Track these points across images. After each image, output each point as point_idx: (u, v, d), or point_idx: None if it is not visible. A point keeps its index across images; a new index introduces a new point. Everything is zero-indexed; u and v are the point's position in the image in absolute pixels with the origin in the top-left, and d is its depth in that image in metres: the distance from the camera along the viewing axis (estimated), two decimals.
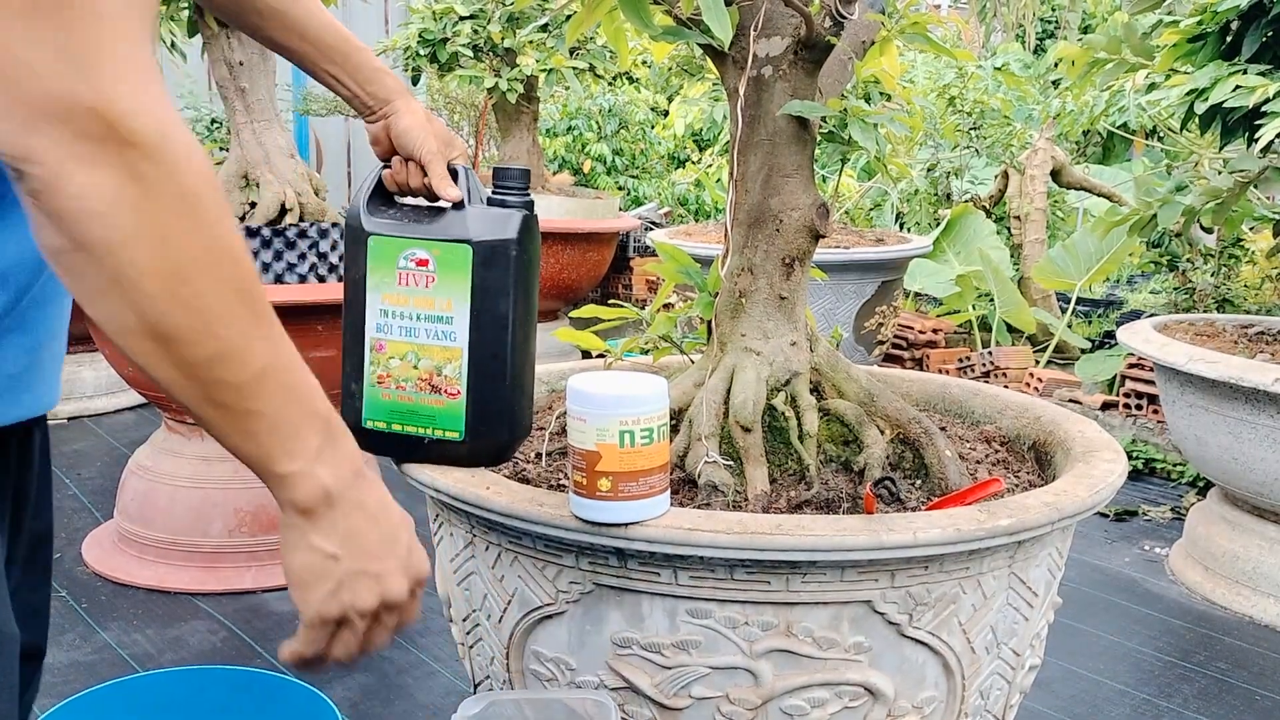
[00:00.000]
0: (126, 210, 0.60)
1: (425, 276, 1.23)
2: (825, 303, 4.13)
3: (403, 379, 1.26)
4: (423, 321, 1.24)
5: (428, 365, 1.25)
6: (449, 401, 1.25)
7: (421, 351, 1.25)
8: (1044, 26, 11.14)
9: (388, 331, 1.25)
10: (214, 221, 0.64)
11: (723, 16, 1.20)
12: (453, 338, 1.23)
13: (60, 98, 0.58)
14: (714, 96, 5.12)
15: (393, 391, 1.27)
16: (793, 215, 1.44)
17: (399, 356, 1.26)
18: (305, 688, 1.58)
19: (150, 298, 0.62)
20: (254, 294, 0.68)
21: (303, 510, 0.74)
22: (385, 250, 1.23)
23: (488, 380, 1.24)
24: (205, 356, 0.66)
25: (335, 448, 0.74)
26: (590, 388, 1.15)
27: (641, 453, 1.13)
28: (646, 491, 1.14)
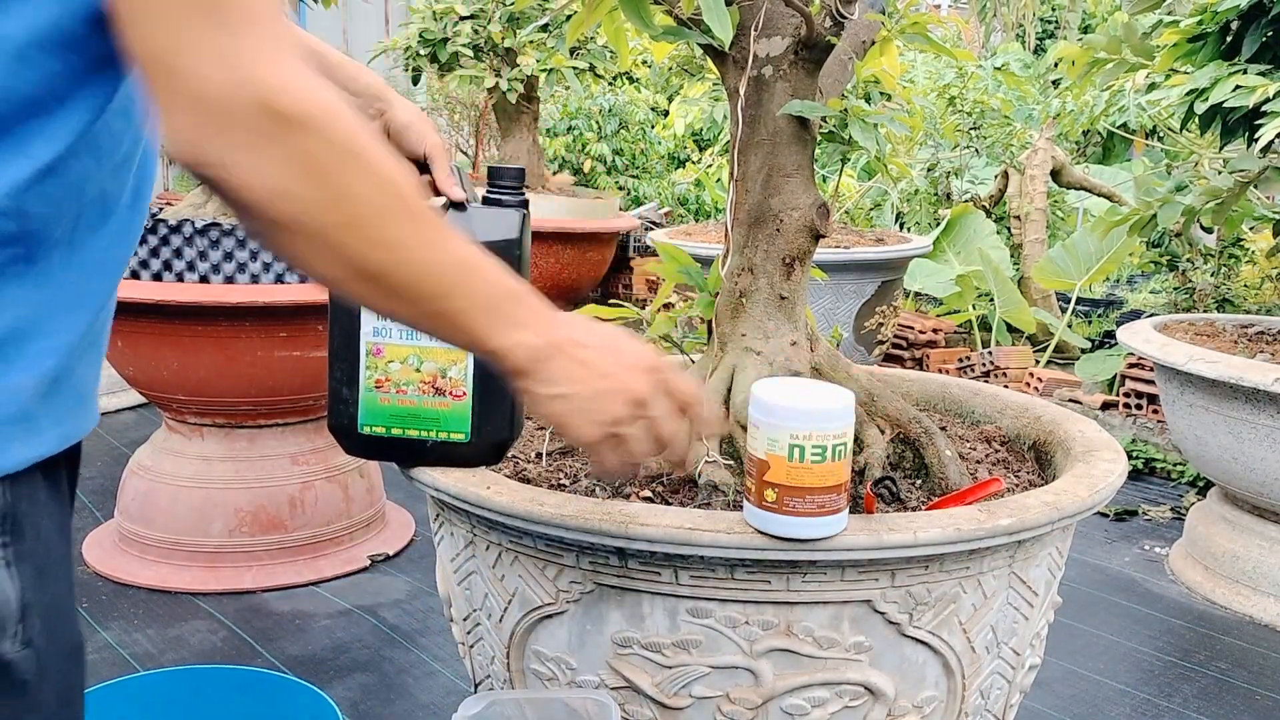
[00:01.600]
0: (303, 183, 0.66)
1: None
2: (825, 302, 4.13)
3: (404, 382, 1.25)
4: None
5: (431, 368, 1.24)
6: (454, 403, 1.24)
7: (425, 354, 1.24)
8: (1044, 26, 11.15)
9: (386, 335, 1.24)
10: (372, 161, 0.70)
11: (723, 16, 1.20)
12: None
13: (223, 102, 0.63)
14: (714, 96, 5.12)
15: (393, 396, 1.25)
16: (793, 215, 1.45)
17: (399, 360, 1.24)
18: (306, 687, 1.58)
19: (348, 248, 0.70)
20: (423, 211, 0.74)
21: (523, 373, 0.83)
22: None
23: (492, 380, 1.22)
24: (407, 281, 0.74)
25: (528, 309, 0.82)
26: (768, 395, 1.11)
27: (811, 470, 1.09)
28: (814, 510, 1.10)
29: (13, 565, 0.71)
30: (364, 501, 2.86)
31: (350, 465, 2.84)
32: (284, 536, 2.67)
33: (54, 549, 0.76)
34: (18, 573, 0.71)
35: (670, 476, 1.37)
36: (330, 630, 2.42)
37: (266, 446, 2.69)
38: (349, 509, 2.80)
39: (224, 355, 2.49)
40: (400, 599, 2.59)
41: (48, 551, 0.75)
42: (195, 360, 2.47)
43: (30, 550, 0.72)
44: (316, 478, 2.73)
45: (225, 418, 2.63)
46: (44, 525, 0.74)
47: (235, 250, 2.53)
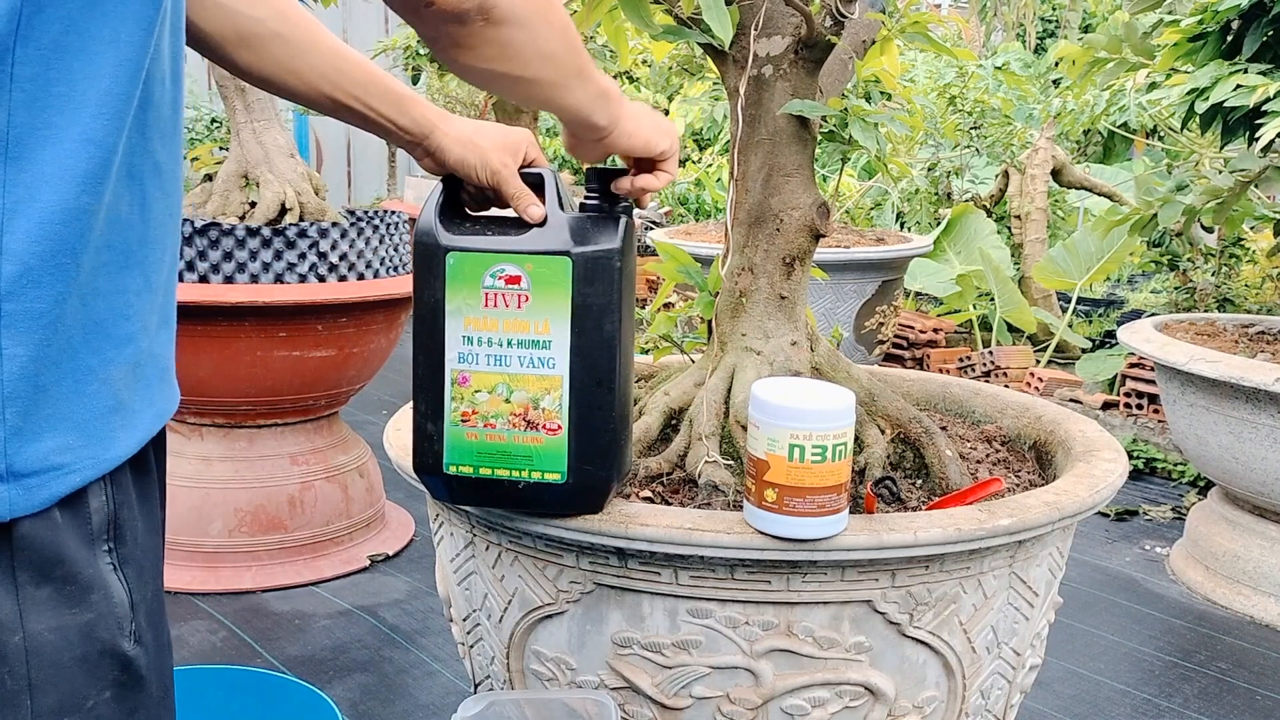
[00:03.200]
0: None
1: (518, 296, 1.08)
2: (825, 302, 4.13)
3: (492, 415, 1.12)
4: (515, 348, 1.10)
5: (522, 398, 1.11)
6: (548, 438, 1.11)
7: (515, 382, 1.10)
8: (1044, 26, 11.15)
9: (473, 361, 1.11)
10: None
11: (723, 16, 1.20)
12: (552, 364, 1.09)
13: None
14: (714, 96, 5.12)
15: (480, 430, 1.12)
16: (793, 214, 1.44)
17: (487, 390, 1.11)
18: (305, 687, 1.58)
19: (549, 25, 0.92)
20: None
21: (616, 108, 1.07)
22: (467, 268, 1.09)
23: (593, 411, 1.10)
24: (567, 49, 0.96)
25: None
26: (768, 395, 1.10)
27: (811, 470, 1.08)
28: (814, 510, 1.09)
29: (119, 569, 0.74)
30: (364, 501, 2.86)
31: (349, 465, 2.84)
32: (284, 536, 2.67)
33: (148, 548, 0.79)
34: (124, 575, 0.74)
35: (670, 476, 1.37)
36: (330, 630, 2.42)
37: (266, 446, 2.68)
38: (349, 509, 2.79)
39: (223, 355, 2.49)
40: (400, 599, 2.59)
41: (144, 552, 0.77)
42: (194, 360, 2.47)
43: (131, 553, 0.75)
44: (316, 478, 2.73)
45: (224, 417, 2.63)
46: (139, 526, 0.77)
47: (235, 250, 2.53)
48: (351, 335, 2.63)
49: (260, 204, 2.64)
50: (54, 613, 0.70)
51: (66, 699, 0.71)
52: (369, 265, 2.73)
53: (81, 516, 0.71)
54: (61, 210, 0.66)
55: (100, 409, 0.72)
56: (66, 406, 0.70)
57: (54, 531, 0.70)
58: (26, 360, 0.67)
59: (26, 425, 0.68)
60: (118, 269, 0.72)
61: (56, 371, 0.69)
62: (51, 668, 0.70)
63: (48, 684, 0.70)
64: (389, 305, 2.68)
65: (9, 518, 0.67)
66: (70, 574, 0.70)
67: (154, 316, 0.78)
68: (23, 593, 0.68)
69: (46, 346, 0.68)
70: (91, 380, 0.71)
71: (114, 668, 0.73)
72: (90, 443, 0.72)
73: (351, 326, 2.62)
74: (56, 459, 0.69)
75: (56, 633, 0.70)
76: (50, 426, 0.69)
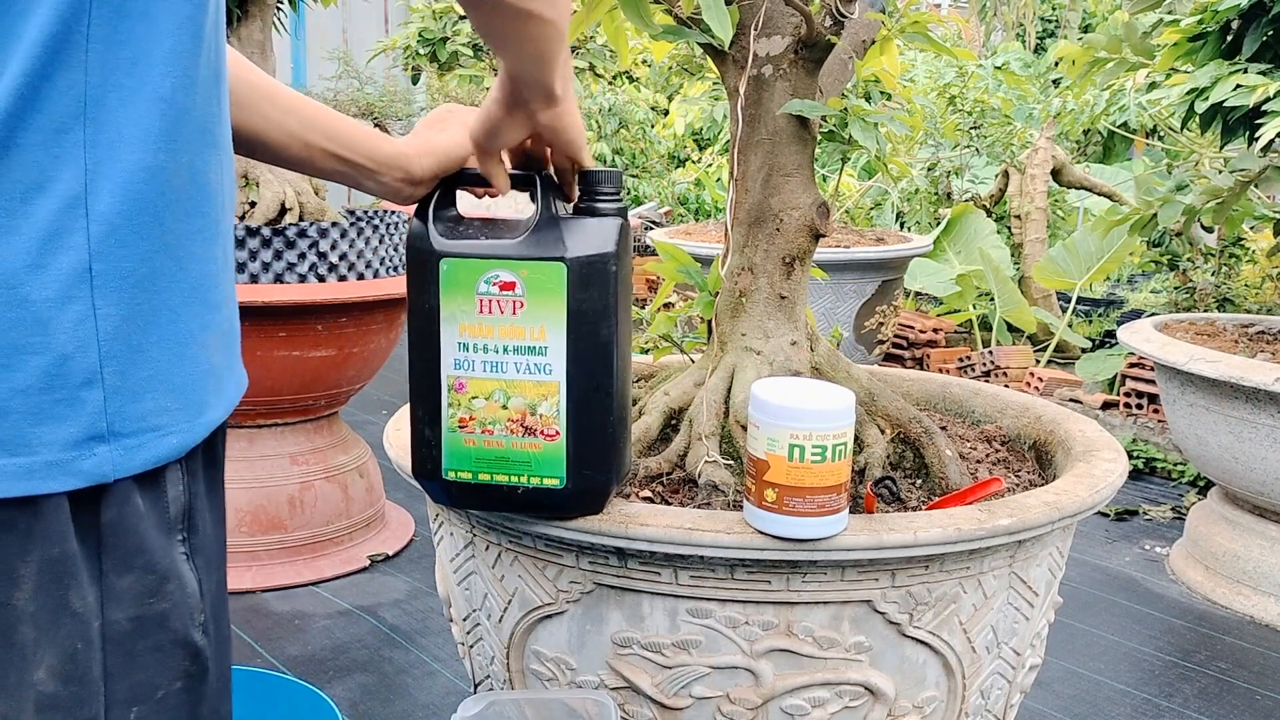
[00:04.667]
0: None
1: (512, 302, 1.07)
2: (825, 302, 4.13)
3: (489, 421, 1.11)
4: (511, 354, 1.09)
5: (519, 404, 1.10)
6: (546, 444, 1.10)
7: (511, 388, 1.09)
8: (1044, 25, 11.15)
9: (469, 368, 1.10)
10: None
11: (723, 16, 1.20)
12: (548, 370, 1.08)
13: None
14: (714, 96, 5.12)
15: (478, 437, 1.11)
16: (793, 214, 1.44)
17: (484, 396, 1.10)
18: (305, 687, 1.58)
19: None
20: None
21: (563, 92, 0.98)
22: (462, 274, 1.08)
23: (590, 416, 1.09)
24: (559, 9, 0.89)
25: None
26: (768, 395, 1.10)
27: (811, 469, 1.08)
28: (814, 510, 1.09)
29: (190, 559, 0.75)
30: (364, 501, 2.86)
31: (349, 465, 2.84)
32: (284, 536, 2.67)
33: (215, 539, 0.80)
34: (194, 566, 0.76)
35: (670, 476, 1.37)
36: (330, 630, 2.42)
37: (266, 446, 2.68)
38: (349, 509, 2.79)
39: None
40: (400, 599, 2.59)
41: (212, 542, 0.79)
42: None
43: (201, 544, 0.77)
44: (316, 478, 2.73)
45: None
46: (208, 517, 0.78)
47: (234, 250, 2.52)
48: (351, 335, 2.63)
49: (260, 204, 2.64)
50: (133, 602, 0.71)
51: (138, 688, 0.72)
52: (369, 265, 2.73)
53: (160, 505, 0.73)
54: (142, 169, 0.68)
55: (197, 373, 0.74)
56: (166, 369, 0.71)
57: (138, 520, 0.71)
58: (120, 320, 0.68)
59: (125, 385, 0.69)
60: (210, 237, 0.75)
61: (155, 334, 0.70)
62: (126, 656, 0.71)
63: (121, 673, 0.71)
64: (389, 305, 2.68)
65: (112, 478, 0.68)
66: (151, 563, 0.71)
67: (231, 289, 0.80)
68: (106, 581, 0.69)
69: (138, 306, 0.69)
70: (190, 344, 0.73)
71: (185, 658, 0.74)
72: (186, 406, 0.73)
73: (351, 326, 2.62)
74: (155, 420, 0.71)
75: (134, 622, 0.71)
76: (149, 388, 0.70)
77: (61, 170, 0.65)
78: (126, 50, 0.67)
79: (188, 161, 0.71)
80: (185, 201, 0.71)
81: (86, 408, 0.67)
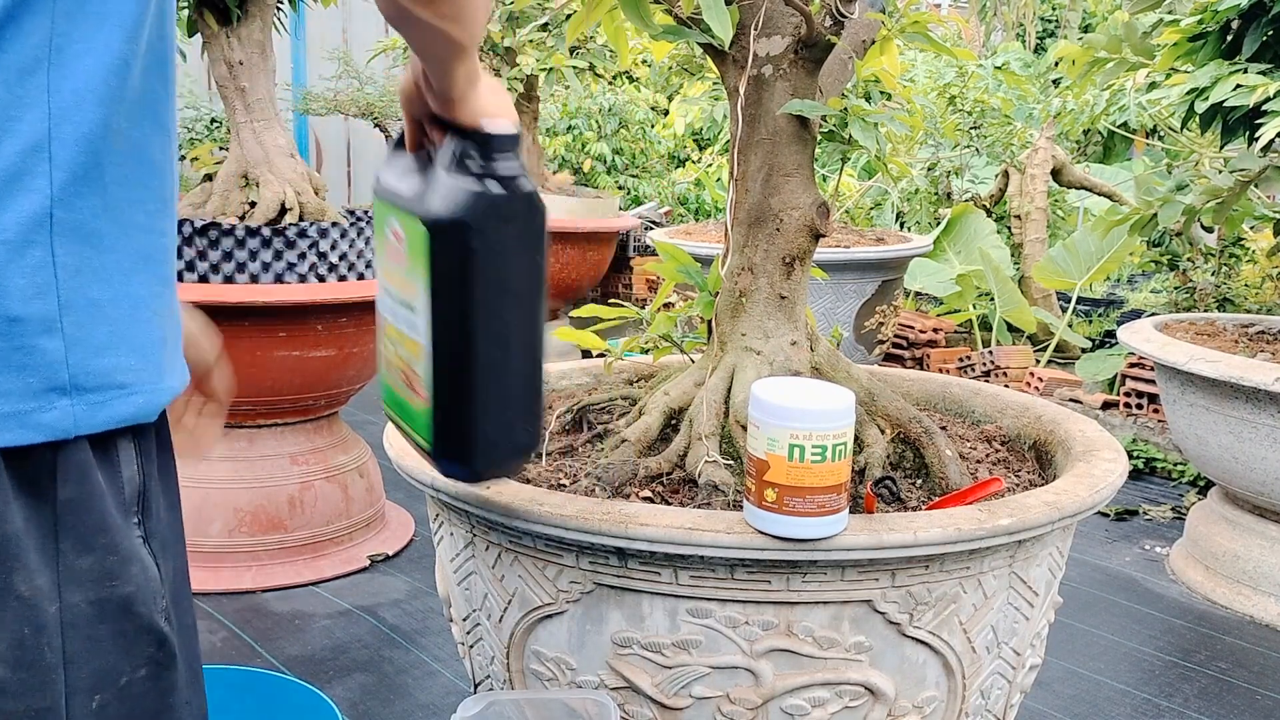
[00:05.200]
0: None
1: (401, 253, 1.02)
2: (825, 302, 4.13)
3: (394, 366, 1.10)
4: (401, 305, 1.05)
5: (405, 355, 1.06)
6: (420, 404, 1.05)
7: (400, 339, 1.07)
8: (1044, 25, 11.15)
9: (386, 309, 1.09)
10: None
11: (723, 16, 1.20)
12: (416, 330, 1.02)
13: None
14: (714, 96, 5.11)
15: (392, 378, 1.11)
16: (793, 214, 1.44)
17: (391, 340, 1.09)
18: (305, 687, 1.58)
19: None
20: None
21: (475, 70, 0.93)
22: (380, 215, 1.06)
23: (450, 393, 1.02)
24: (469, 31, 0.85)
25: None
26: (768, 395, 1.10)
27: (811, 469, 1.08)
28: (814, 510, 1.09)
29: (147, 543, 0.73)
30: (364, 501, 2.86)
31: (349, 465, 2.84)
32: (284, 536, 2.67)
33: (170, 523, 0.78)
34: (151, 550, 0.73)
35: (670, 476, 1.37)
36: (330, 630, 2.42)
37: (266, 446, 2.68)
38: (349, 509, 2.79)
39: (223, 355, 2.48)
40: (400, 599, 2.59)
41: (166, 528, 0.77)
42: None
43: (156, 528, 0.75)
44: (316, 478, 2.73)
45: None
46: (161, 499, 0.76)
47: (234, 250, 2.53)
48: (351, 335, 2.63)
49: (260, 204, 2.64)
50: (94, 584, 0.69)
51: (101, 674, 0.69)
52: (369, 265, 2.73)
53: (116, 485, 0.71)
54: (98, 125, 0.68)
55: (155, 338, 0.73)
56: (124, 329, 0.70)
57: (98, 498, 0.68)
58: (74, 272, 0.67)
59: (85, 338, 0.68)
60: (155, 211, 0.74)
61: (110, 291, 0.69)
62: (87, 641, 0.69)
63: (82, 658, 0.68)
64: None
65: (74, 433, 0.66)
66: (112, 544, 0.69)
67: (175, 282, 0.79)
68: (64, 561, 0.67)
69: (89, 261, 0.68)
70: (144, 309, 0.72)
71: (150, 644, 0.72)
72: (148, 366, 0.72)
73: (351, 326, 2.62)
74: (119, 377, 0.69)
75: (95, 605, 0.69)
76: (111, 344, 0.69)
77: (25, 112, 0.65)
78: (93, 4, 0.67)
79: (128, 130, 0.71)
80: (126, 167, 0.71)
81: (46, 357, 0.66)
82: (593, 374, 1.80)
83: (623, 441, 1.42)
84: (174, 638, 0.75)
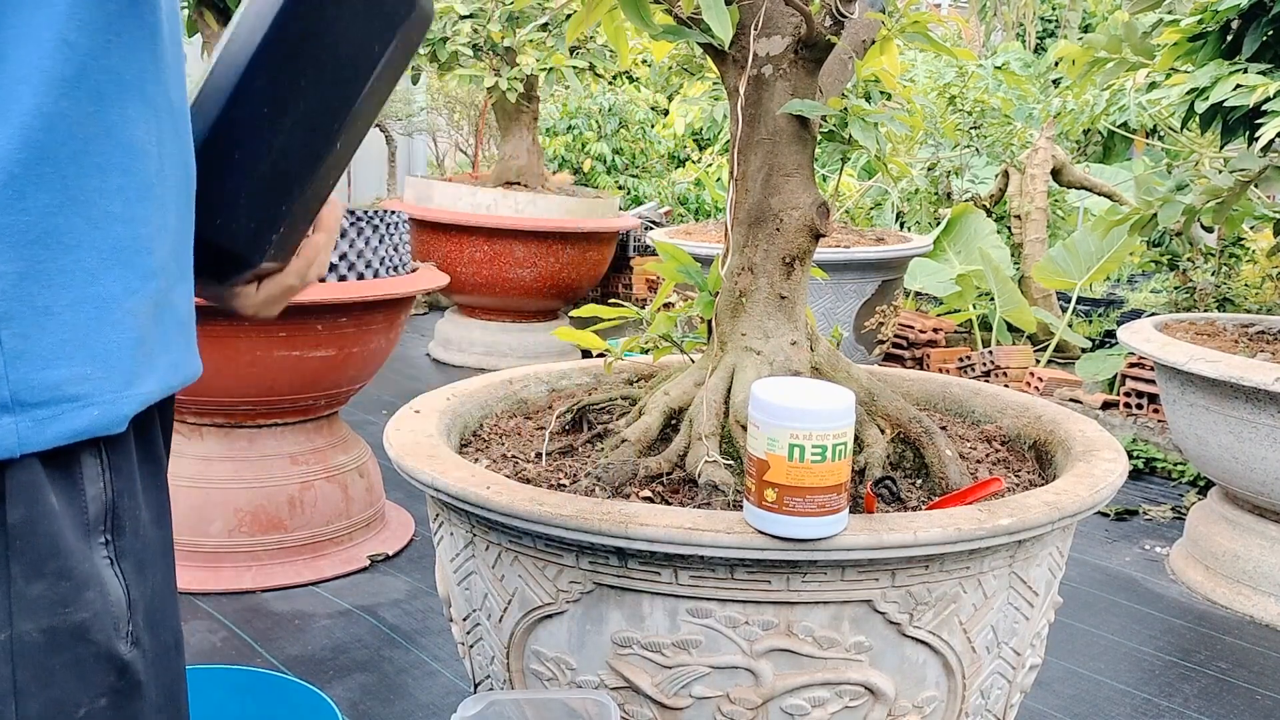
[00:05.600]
0: None
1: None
2: (825, 302, 4.13)
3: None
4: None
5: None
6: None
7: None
8: (1044, 25, 11.15)
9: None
10: None
11: (723, 15, 1.20)
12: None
13: None
14: (714, 95, 5.11)
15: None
16: (793, 214, 1.44)
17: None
18: (305, 687, 1.58)
19: None
20: None
21: None
22: None
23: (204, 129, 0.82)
24: None
25: None
26: (768, 395, 1.11)
27: (811, 469, 1.08)
28: (814, 510, 1.09)
29: (116, 563, 0.69)
30: (363, 501, 2.86)
31: (349, 465, 2.84)
32: (284, 536, 2.67)
33: (152, 540, 0.73)
34: (121, 570, 0.69)
35: (670, 476, 1.37)
36: (330, 630, 2.42)
37: (266, 446, 2.68)
38: (349, 509, 2.79)
39: (223, 355, 2.49)
40: (400, 599, 2.59)
41: (147, 544, 0.72)
42: None
43: (130, 546, 0.70)
44: (316, 477, 2.73)
45: (224, 417, 2.63)
46: (142, 516, 0.72)
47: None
48: (351, 335, 2.63)
49: None
50: (46, 612, 0.65)
51: (55, 706, 0.65)
52: (369, 265, 2.73)
53: (78, 504, 0.66)
54: (40, 115, 0.63)
55: (125, 341, 0.68)
56: (84, 334, 0.65)
57: (50, 520, 0.65)
58: (17, 278, 0.62)
59: (30, 349, 0.63)
60: (136, 197, 0.69)
61: (68, 295, 0.65)
62: (39, 672, 0.65)
63: (34, 689, 0.64)
64: (389, 305, 2.68)
65: (18, 452, 0.62)
66: (65, 569, 0.65)
67: (172, 263, 0.74)
68: (14, 588, 0.64)
69: (41, 265, 0.64)
70: (113, 308, 0.67)
71: (109, 673, 0.68)
72: (110, 374, 0.67)
73: (351, 326, 2.62)
74: (72, 389, 0.65)
75: (47, 634, 0.65)
76: (63, 354, 0.64)
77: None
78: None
79: (96, 113, 0.66)
80: (96, 155, 0.66)
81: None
82: (593, 374, 1.80)
83: (623, 441, 1.42)
84: (140, 663, 0.70)
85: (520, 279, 5.00)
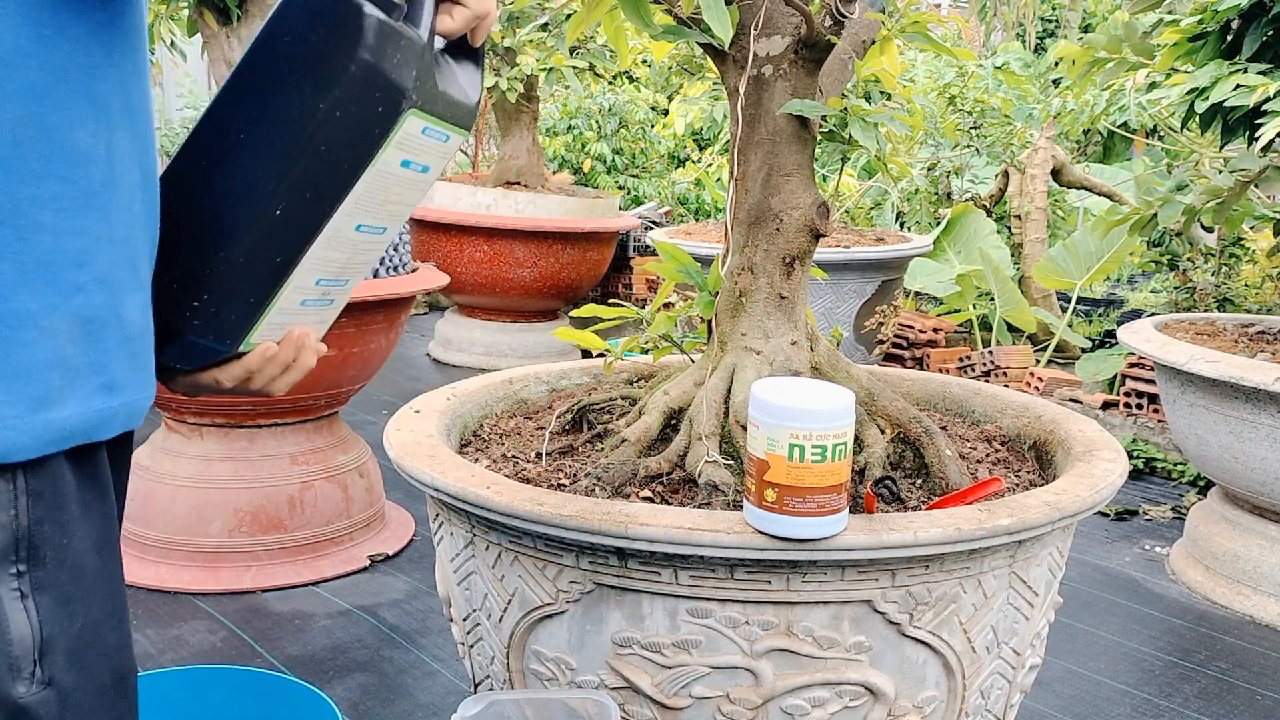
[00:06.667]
0: None
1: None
2: (825, 302, 4.13)
3: None
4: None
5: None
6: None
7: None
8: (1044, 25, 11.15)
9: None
10: None
11: (723, 16, 1.20)
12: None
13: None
14: (714, 96, 5.12)
15: None
16: (793, 214, 1.44)
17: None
18: (305, 687, 1.58)
19: None
20: None
21: None
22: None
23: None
24: None
25: None
26: (768, 395, 1.11)
27: (811, 469, 1.09)
28: (814, 510, 1.09)
29: (29, 597, 0.63)
30: (363, 501, 2.86)
31: (349, 465, 2.84)
32: (283, 536, 2.67)
33: (86, 570, 0.66)
34: (35, 604, 0.63)
35: (670, 476, 1.37)
36: (330, 630, 2.42)
37: (266, 446, 2.68)
38: (349, 509, 2.79)
39: None
40: (400, 599, 2.59)
41: (77, 576, 0.66)
42: None
43: (52, 578, 0.64)
44: (316, 477, 2.73)
45: (224, 417, 2.63)
46: (73, 544, 0.65)
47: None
48: (351, 335, 2.63)
49: None
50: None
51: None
52: None
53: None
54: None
55: (36, 362, 0.62)
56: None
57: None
58: None
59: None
60: (73, 206, 0.63)
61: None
62: None
63: None
64: (389, 305, 2.68)
65: None
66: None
67: (121, 274, 0.67)
68: None
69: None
70: (24, 327, 0.61)
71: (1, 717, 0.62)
72: (18, 398, 0.61)
73: (352, 326, 2.62)
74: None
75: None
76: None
77: None
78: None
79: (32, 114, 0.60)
80: (29, 162, 0.60)
81: None
82: (593, 374, 1.80)
83: (623, 441, 1.42)
84: (49, 706, 0.64)
85: (520, 279, 5.00)
